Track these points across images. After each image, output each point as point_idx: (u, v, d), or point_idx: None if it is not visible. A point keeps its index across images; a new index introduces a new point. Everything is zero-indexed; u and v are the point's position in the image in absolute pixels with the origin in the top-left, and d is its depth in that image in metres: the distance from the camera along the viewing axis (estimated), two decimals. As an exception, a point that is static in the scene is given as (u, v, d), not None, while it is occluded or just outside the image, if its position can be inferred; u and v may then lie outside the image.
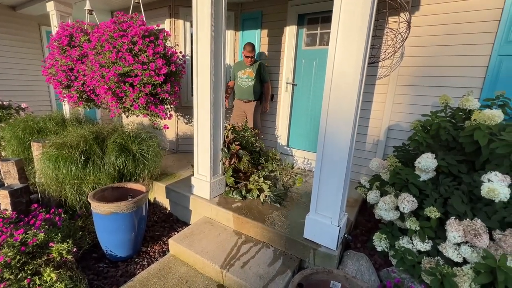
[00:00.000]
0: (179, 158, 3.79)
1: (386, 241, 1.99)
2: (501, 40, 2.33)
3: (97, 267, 2.07)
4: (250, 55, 3.42)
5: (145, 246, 2.33)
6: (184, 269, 2.02)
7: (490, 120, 1.80)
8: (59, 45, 3.38)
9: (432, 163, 1.84)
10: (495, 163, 1.73)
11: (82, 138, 2.45)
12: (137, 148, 2.58)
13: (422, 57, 2.71)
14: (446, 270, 1.57)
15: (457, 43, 2.52)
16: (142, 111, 2.94)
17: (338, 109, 1.68)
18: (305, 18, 3.40)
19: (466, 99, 2.05)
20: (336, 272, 1.55)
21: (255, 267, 1.89)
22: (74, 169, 2.29)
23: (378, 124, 3.04)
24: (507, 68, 2.34)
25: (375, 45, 2.85)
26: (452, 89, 2.58)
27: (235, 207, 2.41)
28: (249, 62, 3.51)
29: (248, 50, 3.40)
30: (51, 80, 3.51)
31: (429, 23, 2.62)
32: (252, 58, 3.46)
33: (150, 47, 2.73)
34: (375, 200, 2.12)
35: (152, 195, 3.06)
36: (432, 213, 1.72)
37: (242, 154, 2.63)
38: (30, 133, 3.03)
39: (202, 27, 2.22)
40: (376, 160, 2.28)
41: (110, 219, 2.01)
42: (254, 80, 3.53)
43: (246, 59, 3.49)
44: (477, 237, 1.51)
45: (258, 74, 3.53)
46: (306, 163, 3.64)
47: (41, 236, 1.71)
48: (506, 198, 1.50)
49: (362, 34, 1.53)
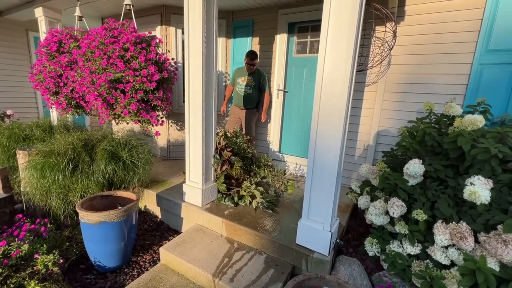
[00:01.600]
0: (171, 165, 3.75)
1: (377, 245, 2.01)
2: (481, 50, 2.45)
3: (84, 279, 2.00)
4: (251, 63, 3.41)
5: (135, 256, 2.28)
6: (176, 279, 1.98)
7: (472, 125, 1.87)
8: (48, 51, 3.33)
9: (420, 168, 1.89)
10: (478, 168, 1.79)
11: (70, 146, 2.40)
12: (127, 155, 2.54)
13: (408, 65, 2.81)
14: (435, 273, 1.60)
15: (441, 51, 2.63)
16: (133, 118, 2.91)
17: (328, 115, 1.71)
18: (295, 27, 3.48)
19: (450, 106, 2.13)
20: (329, 278, 1.56)
21: (248, 275, 1.87)
22: (62, 178, 2.24)
23: (368, 130, 3.11)
24: (488, 76, 2.45)
25: (363, 53, 2.93)
26: (437, 96, 2.68)
27: (227, 214, 2.39)
28: (249, 70, 3.52)
29: (250, 57, 3.39)
30: (39, 87, 3.44)
31: (414, 33, 2.73)
32: (253, 67, 3.46)
33: (142, 53, 2.72)
34: (366, 205, 2.15)
35: (142, 203, 3.01)
36: (419, 215, 1.76)
37: (234, 161, 2.63)
38: (15, 141, 2.95)
39: (193, 34, 2.24)
40: (366, 166, 2.33)
41: (98, 229, 1.96)
42: (253, 89, 3.55)
43: (247, 67, 3.48)
44: (463, 240, 1.55)
45: (257, 82, 3.55)
46: (298, 168, 3.67)
47: (25, 248, 1.66)
48: (487, 200, 1.55)
49: (350, 42, 1.58)
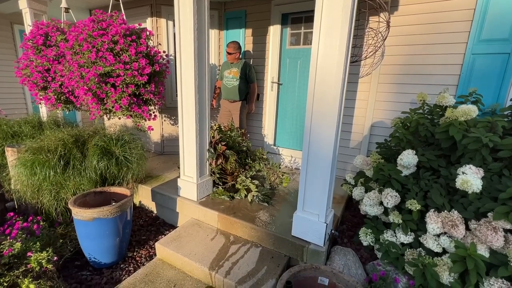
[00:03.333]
0: (165, 160, 3.72)
1: (371, 235, 2.04)
2: (474, 39, 2.45)
3: (80, 275, 1.99)
4: (231, 52, 3.38)
5: (131, 251, 2.27)
6: (172, 273, 1.99)
7: (466, 115, 1.88)
8: (34, 45, 3.21)
9: (413, 159, 1.91)
10: (469, 157, 1.81)
11: (60, 142, 2.35)
12: (120, 150, 2.50)
13: (401, 55, 2.80)
14: (427, 261, 1.63)
15: (434, 42, 2.63)
16: (125, 112, 2.85)
17: (322, 107, 1.70)
18: (288, 18, 3.43)
19: (442, 96, 2.14)
20: (324, 268, 1.58)
21: (244, 267, 1.89)
22: (53, 175, 2.20)
23: (362, 122, 3.11)
24: (480, 66, 2.47)
25: (357, 44, 2.91)
26: (430, 87, 2.69)
27: (223, 208, 2.39)
28: (231, 60, 3.47)
29: (230, 46, 3.37)
30: (26, 82, 3.33)
31: (408, 23, 2.71)
32: (234, 56, 3.42)
33: (132, 46, 2.65)
34: (360, 196, 2.17)
35: (137, 199, 2.98)
36: (412, 205, 1.79)
37: (229, 154, 2.62)
38: (3, 138, 2.88)
39: (184, 25, 2.19)
40: (360, 157, 2.34)
41: (93, 225, 1.94)
42: (239, 80, 3.49)
43: (228, 56, 3.46)
44: (454, 228, 1.58)
45: (243, 73, 3.50)
46: (293, 161, 3.68)
47: (17, 246, 1.64)
48: (479, 189, 1.58)
49: (343, 32, 1.56)
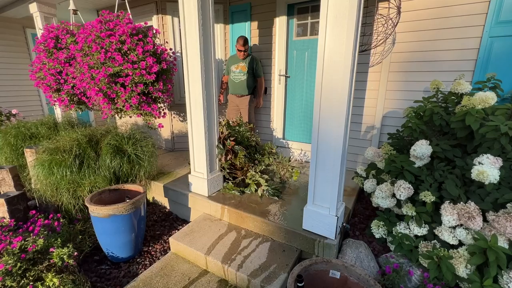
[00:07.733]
0: (176, 156, 3.78)
1: (383, 228, 2.02)
2: (492, 21, 2.32)
3: (99, 269, 2.08)
4: (242, 49, 3.36)
5: (146, 246, 2.35)
6: (186, 266, 2.04)
7: (484, 103, 1.79)
8: (45, 48, 3.30)
9: (427, 149, 1.84)
10: (486, 146, 1.74)
11: (75, 142, 2.43)
12: (132, 149, 2.56)
13: (413, 42, 2.69)
14: (442, 253, 1.60)
15: (448, 26, 2.50)
16: (135, 111, 2.91)
17: (331, 99, 1.67)
18: (294, 8, 3.35)
19: (458, 83, 2.05)
20: (335, 262, 1.58)
21: (256, 260, 1.91)
22: (69, 174, 2.28)
23: (373, 112, 3.04)
24: (498, 49, 2.34)
25: (366, 32, 2.81)
26: (444, 73, 2.58)
27: (233, 203, 2.42)
28: (242, 56, 3.45)
29: (240, 43, 3.33)
30: (40, 84, 3.45)
31: (419, 7, 2.59)
32: (245, 52, 3.40)
33: (139, 45, 2.67)
34: (372, 189, 2.14)
35: (150, 195, 3.06)
36: (427, 197, 1.74)
37: (237, 150, 2.63)
38: (22, 139, 3.00)
39: (189, 22, 2.18)
40: (371, 149, 2.29)
41: (109, 222, 2.01)
42: (247, 75, 3.48)
43: (238, 53, 3.44)
44: (471, 220, 1.53)
45: (250, 68, 3.48)
46: (303, 154, 3.65)
47: (40, 242, 1.72)
48: (496, 179, 1.52)
49: (351, 20, 1.51)
